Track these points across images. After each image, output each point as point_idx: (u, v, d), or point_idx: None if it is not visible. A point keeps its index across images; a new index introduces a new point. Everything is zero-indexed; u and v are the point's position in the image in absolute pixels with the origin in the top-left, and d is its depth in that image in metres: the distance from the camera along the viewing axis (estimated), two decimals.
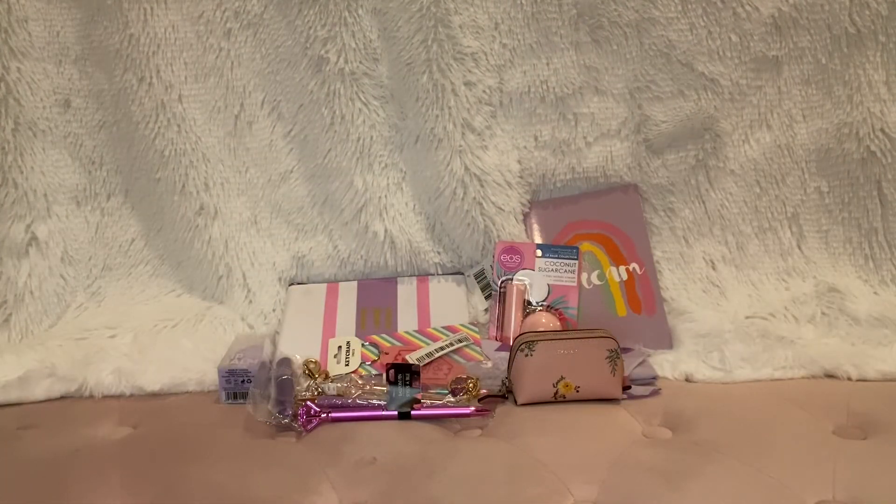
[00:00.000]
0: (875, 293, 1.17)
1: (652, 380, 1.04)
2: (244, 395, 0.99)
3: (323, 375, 1.03)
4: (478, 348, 1.09)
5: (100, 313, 1.21)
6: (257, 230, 1.24)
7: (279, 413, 0.93)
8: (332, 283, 1.23)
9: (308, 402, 0.95)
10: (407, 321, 1.15)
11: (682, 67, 1.17)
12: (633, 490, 0.79)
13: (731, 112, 1.19)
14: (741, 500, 0.78)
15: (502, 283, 1.16)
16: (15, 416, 1.01)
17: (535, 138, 1.21)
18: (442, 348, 1.08)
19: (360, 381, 1.01)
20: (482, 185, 1.18)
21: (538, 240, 1.21)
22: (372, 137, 1.19)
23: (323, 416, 0.95)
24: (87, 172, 1.24)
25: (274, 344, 1.12)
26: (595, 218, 1.21)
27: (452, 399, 0.97)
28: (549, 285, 1.16)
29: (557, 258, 1.17)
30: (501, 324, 1.15)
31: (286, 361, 1.04)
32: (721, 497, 0.78)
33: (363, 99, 1.18)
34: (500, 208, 1.19)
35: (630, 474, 0.82)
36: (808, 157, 1.20)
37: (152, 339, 1.15)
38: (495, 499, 0.79)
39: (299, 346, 1.09)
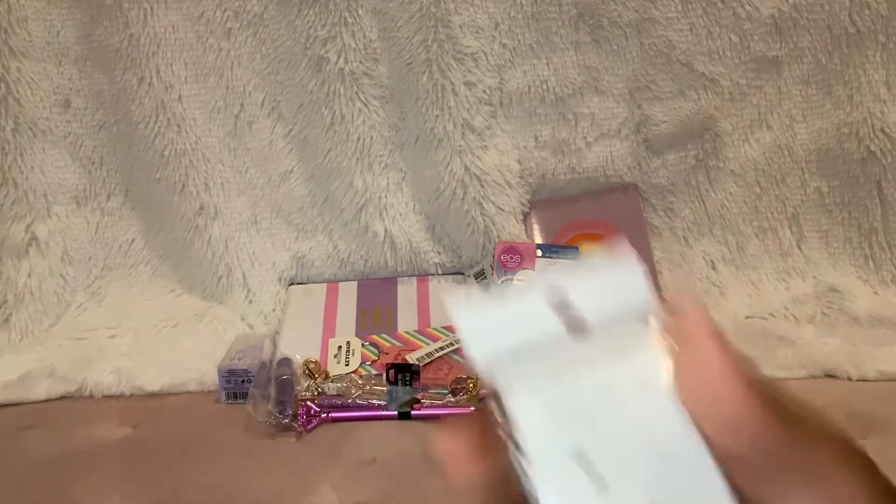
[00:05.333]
0: (875, 293, 1.17)
1: None
2: (244, 395, 0.99)
3: (323, 375, 1.03)
4: None
5: (100, 313, 1.21)
6: (257, 230, 1.24)
7: (279, 413, 0.93)
8: (332, 283, 1.23)
9: (308, 402, 0.95)
10: (407, 321, 1.15)
11: (682, 67, 1.17)
12: None
13: (731, 112, 1.19)
14: None
15: (502, 283, 1.16)
16: (15, 416, 1.01)
17: (535, 138, 1.21)
18: (442, 348, 1.08)
19: (360, 381, 1.01)
20: (482, 185, 1.18)
21: (538, 240, 1.21)
22: (372, 137, 1.19)
23: (323, 416, 0.95)
24: (87, 172, 1.23)
25: (274, 344, 1.12)
26: (595, 218, 1.21)
27: (452, 399, 0.97)
28: None
29: (557, 258, 1.17)
30: None
31: (286, 361, 1.04)
32: None
33: (363, 99, 1.18)
34: (500, 208, 1.19)
35: None
36: (808, 157, 1.20)
37: (152, 339, 1.15)
38: None
39: (299, 346, 1.09)
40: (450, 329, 1.13)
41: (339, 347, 1.10)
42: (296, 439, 0.92)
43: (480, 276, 1.20)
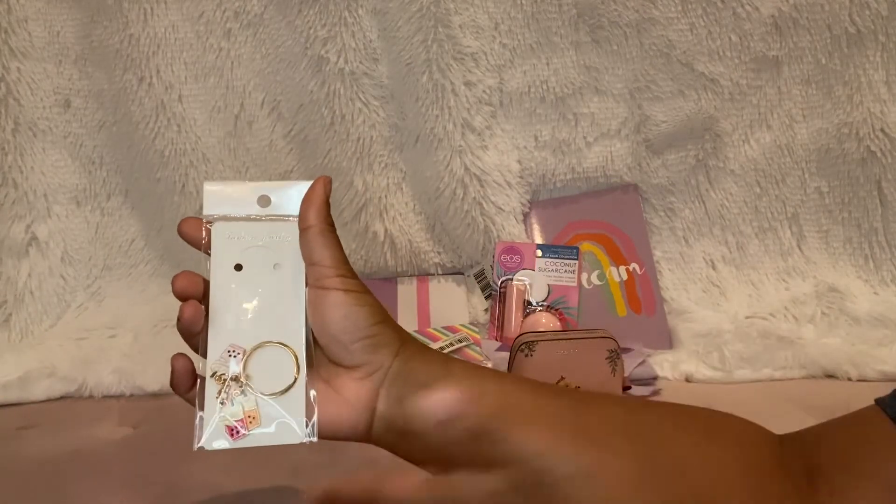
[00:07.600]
0: (875, 293, 1.17)
1: (652, 380, 1.04)
2: None
3: None
4: (478, 348, 1.09)
5: (100, 313, 1.21)
6: None
7: None
8: None
9: None
10: (407, 321, 1.15)
11: (682, 67, 1.17)
12: None
13: (731, 112, 1.19)
14: None
15: (502, 283, 1.16)
16: (15, 416, 1.01)
17: (535, 138, 1.21)
18: (442, 349, 1.08)
19: None
20: (482, 185, 1.18)
21: (538, 240, 1.21)
22: (372, 137, 1.19)
23: None
24: (87, 172, 1.24)
25: None
26: (595, 218, 1.21)
27: None
28: (549, 285, 1.16)
29: (557, 258, 1.17)
30: (501, 324, 1.15)
31: None
32: None
33: (363, 99, 1.18)
34: (500, 208, 1.19)
35: None
36: (808, 157, 1.20)
37: (152, 339, 1.15)
38: None
39: None
40: (450, 329, 1.13)
41: None
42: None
43: (480, 276, 1.21)
